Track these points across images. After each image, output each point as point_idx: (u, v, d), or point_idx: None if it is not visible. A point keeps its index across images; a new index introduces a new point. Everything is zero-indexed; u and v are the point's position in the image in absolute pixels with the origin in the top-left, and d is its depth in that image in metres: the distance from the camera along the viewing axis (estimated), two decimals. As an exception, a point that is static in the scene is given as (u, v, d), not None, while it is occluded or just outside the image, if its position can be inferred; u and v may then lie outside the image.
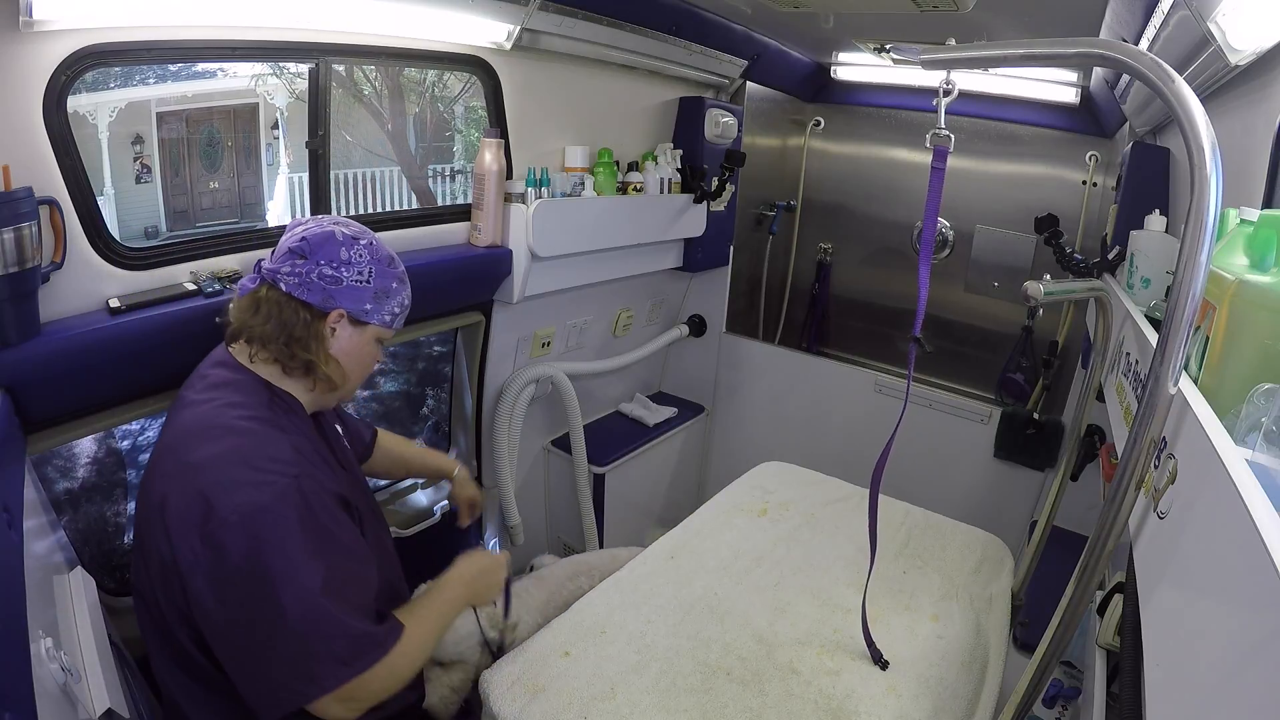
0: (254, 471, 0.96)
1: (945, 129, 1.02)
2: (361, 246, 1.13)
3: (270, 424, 1.05)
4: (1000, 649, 1.35)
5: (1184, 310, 0.70)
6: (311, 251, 1.09)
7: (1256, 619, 0.45)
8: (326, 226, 1.12)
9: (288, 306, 1.09)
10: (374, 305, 1.14)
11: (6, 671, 0.64)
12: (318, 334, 1.11)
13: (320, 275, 1.09)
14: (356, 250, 1.12)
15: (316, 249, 1.09)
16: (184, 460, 0.98)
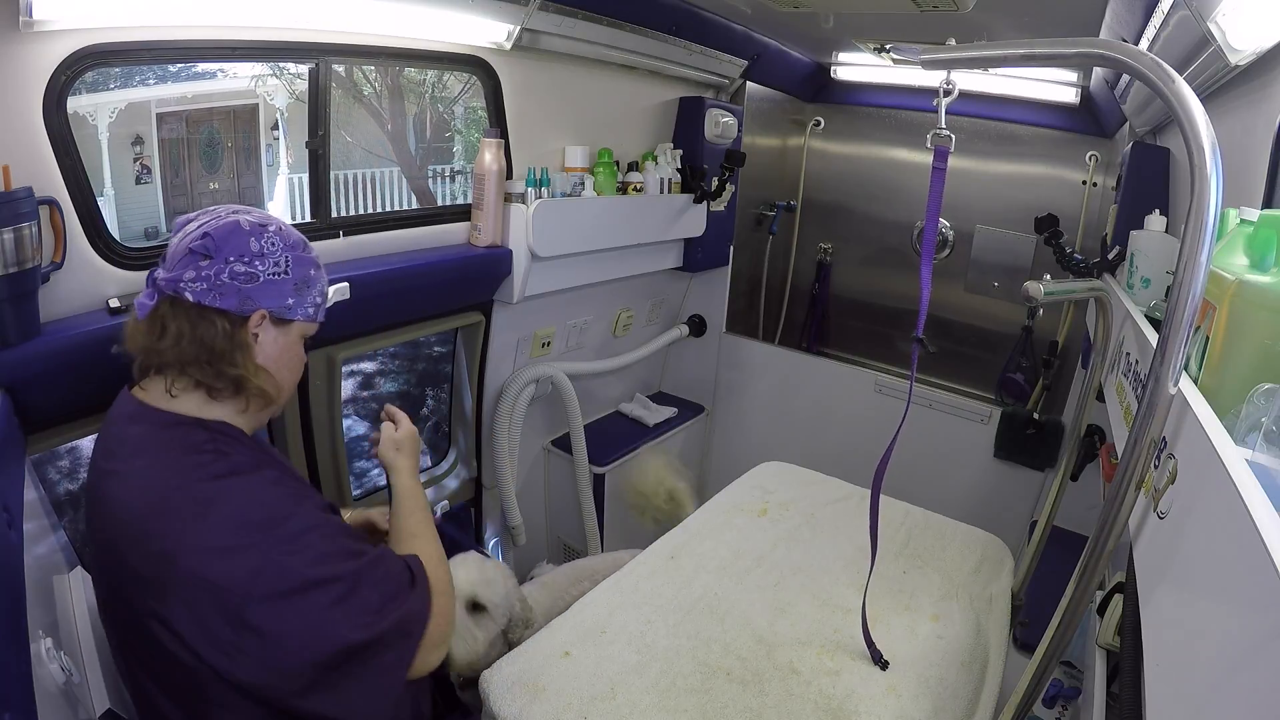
0: (246, 537, 0.87)
1: (945, 129, 1.02)
2: (272, 233, 0.98)
3: (233, 474, 0.91)
4: (1000, 649, 1.35)
5: (1184, 310, 0.70)
6: (217, 249, 0.93)
7: (1256, 619, 0.45)
8: (226, 217, 0.96)
9: (200, 319, 0.93)
10: (296, 299, 1.01)
11: (6, 671, 0.64)
12: (241, 344, 0.96)
13: (232, 274, 0.94)
14: (267, 239, 0.97)
15: (222, 244, 0.93)
16: (168, 552, 0.84)
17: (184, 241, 0.94)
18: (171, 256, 0.95)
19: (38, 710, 0.66)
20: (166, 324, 0.93)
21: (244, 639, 0.84)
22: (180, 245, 0.95)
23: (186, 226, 0.97)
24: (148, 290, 0.96)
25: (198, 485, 0.88)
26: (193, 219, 0.98)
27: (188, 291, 0.93)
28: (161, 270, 0.95)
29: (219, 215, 0.98)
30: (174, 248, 0.96)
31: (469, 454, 2.23)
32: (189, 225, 0.97)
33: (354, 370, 3.61)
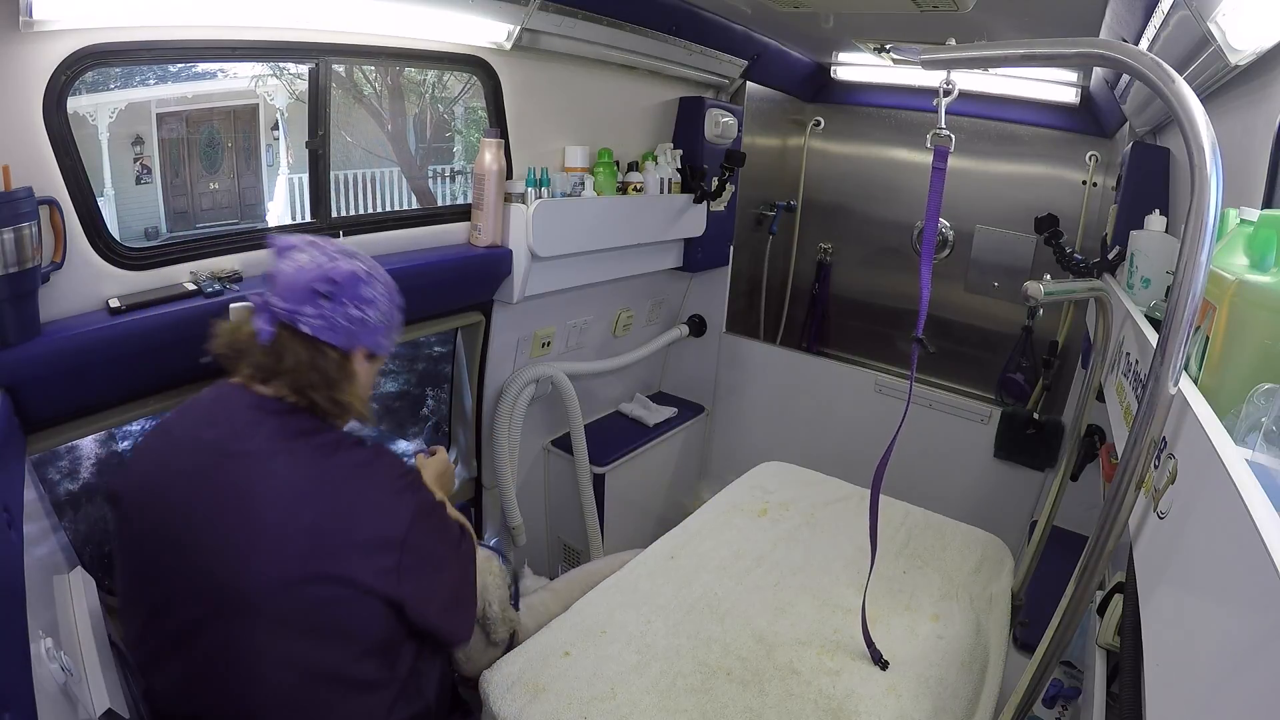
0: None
1: (945, 129, 1.02)
2: (379, 283, 1.11)
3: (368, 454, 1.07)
4: (1000, 649, 1.35)
5: (1184, 310, 0.70)
6: (338, 292, 1.04)
7: (1256, 619, 0.45)
8: (344, 265, 1.05)
9: (315, 350, 1.03)
10: (386, 339, 1.14)
11: (6, 671, 0.64)
12: (349, 373, 1.08)
13: (347, 317, 1.05)
14: (377, 288, 1.10)
15: (343, 289, 1.05)
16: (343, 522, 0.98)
17: (303, 278, 1.03)
18: (287, 287, 1.03)
19: (38, 710, 0.65)
20: (284, 350, 1.02)
21: (407, 560, 1.00)
22: (300, 281, 1.03)
23: (297, 256, 1.04)
24: (264, 315, 1.03)
25: (349, 464, 1.02)
26: (297, 248, 1.05)
27: (304, 324, 1.02)
28: (276, 298, 1.03)
29: (335, 260, 1.06)
30: (290, 280, 1.03)
31: (469, 454, 2.23)
32: (300, 256, 1.04)
33: (354, 370, 3.61)
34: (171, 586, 0.95)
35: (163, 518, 0.96)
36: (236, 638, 0.93)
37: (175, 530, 0.95)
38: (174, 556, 0.95)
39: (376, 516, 1.00)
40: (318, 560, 0.94)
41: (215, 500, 0.95)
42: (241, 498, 0.95)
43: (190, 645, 0.95)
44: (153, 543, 0.97)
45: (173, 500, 0.97)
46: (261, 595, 0.93)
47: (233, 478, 0.96)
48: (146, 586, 0.98)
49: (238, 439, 0.99)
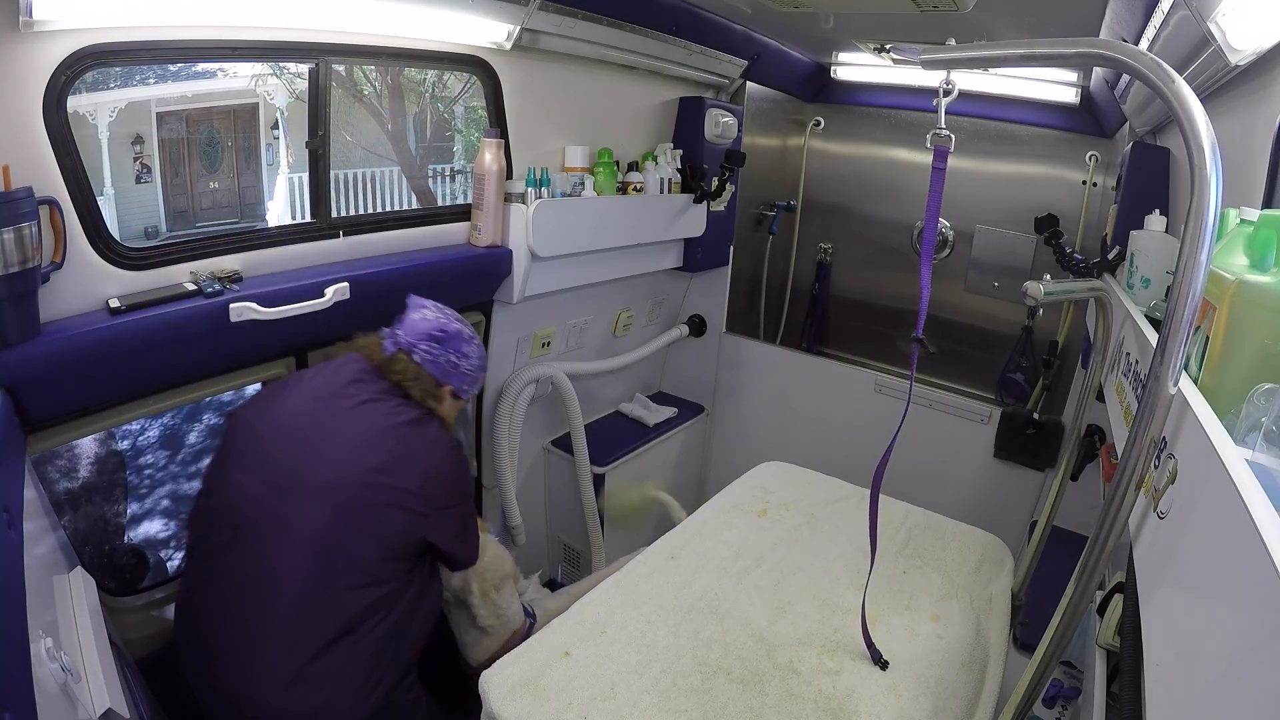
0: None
1: (945, 129, 1.02)
2: (475, 345, 1.50)
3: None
4: (1000, 649, 1.35)
5: (1184, 310, 0.70)
6: (446, 340, 1.44)
7: (1256, 619, 0.45)
8: (454, 324, 1.47)
9: (420, 373, 1.41)
10: (469, 387, 1.51)
11: (6, 671, 0.64)
12: (439, 397, 1.45)
13: (447, 360, 1.44)
14: (473, 346, 1.50)
15: (450, 340, 1.45)
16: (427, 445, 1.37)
17: (425, 326, 1.44)
18: (413, 329, 1.44)
19: (38, 710, 0.66)
20: (405, 366, 1.41)
21: (438, 502, 1.34)
22: (421, 326, 1.44)
23: (425, 312, 1.47)
24: (390, 340, 1.43)
25: (417, 428, 1.37)
26: (428, 306, 1.48)
27: (417, 355, 1.42)
28: (402, 333, 1.43)
29: (448, 317, 1.48)
30: (415, 324, 1.45)
31: (469, 454, 2.23)
32: (427, 312, 1.47)
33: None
34: (269, 474, 1.26)
35: (281, 427, 1.31)
36: (297, 516, 1.23)
37: (287, 437, 1.30)
38: (281, 452, 1.29)
39: (425, 468, 1.32)
40: (376, 478, 1.27)
41: (319, 423, 1.32)
42: (337, 425, 1.31)
43: (261, 523, 1.24)
44: (268, 442, 1.30)
45: (289, 418, 1.33)
46: (330, 488, 1.25)
47: (335, 411, 1.33)
48: (247, 474, 1.28)
49: (346, 389, 1.36)
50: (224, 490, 1.29)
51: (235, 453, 1.32)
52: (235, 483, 1.28)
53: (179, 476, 3.12)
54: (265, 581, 1.21)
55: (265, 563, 1.22)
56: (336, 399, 1.34)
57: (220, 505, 1.28)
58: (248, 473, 1.28)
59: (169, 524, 2.90)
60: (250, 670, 1.20)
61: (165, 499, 3.01)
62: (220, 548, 1.25)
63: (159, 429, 3.27)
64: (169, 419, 3.29)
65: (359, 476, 1.26)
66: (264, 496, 1.25)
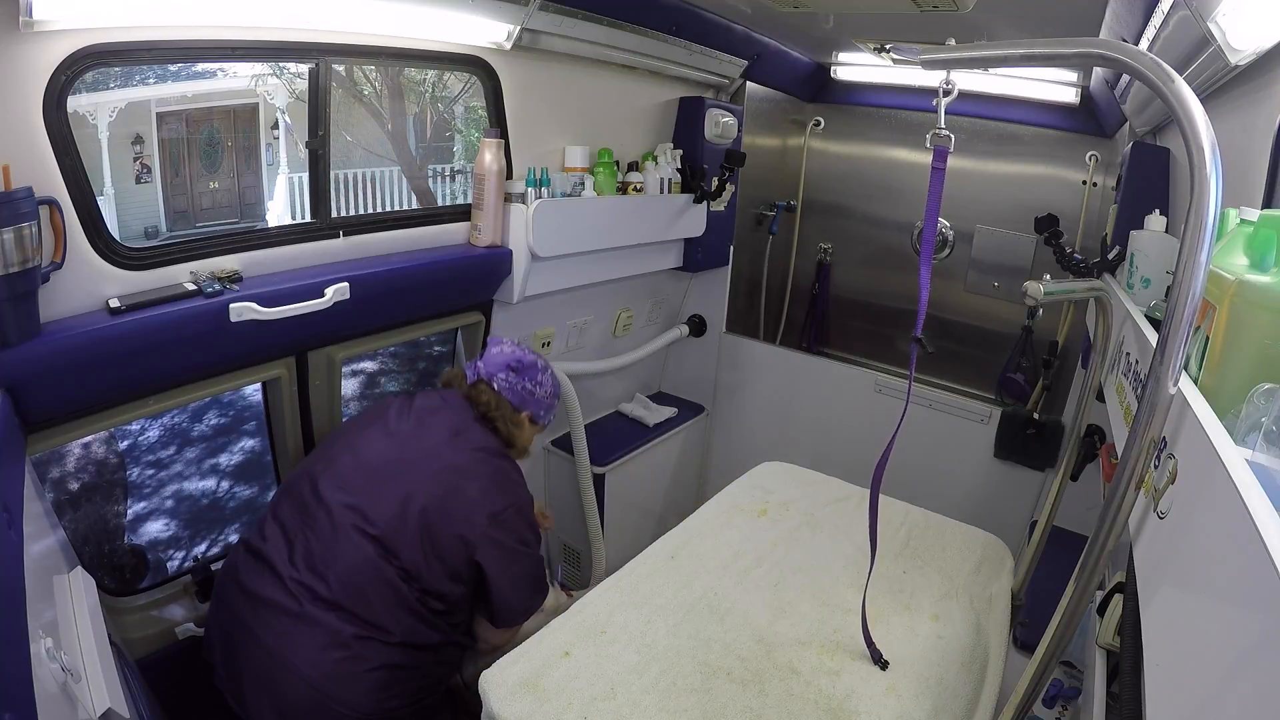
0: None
1: (945, 129, 1.02)
2: (549, 375, 1.69)
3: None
4: (1000, 649, 1.35)
5: (1184, 310, 0.70)
6: (522, 370, 1.64)
7: (1256, 619, 0.45)
8: (528, 355, 1.66)
9: (501, 401, 1.60)
10: (545, 414, 1.69)
11: (6, 671, 0.64)
12: (519, 423, 1.63)
13: (524, 388, 1.63)
14: (546, 375, 1.68)
15: (526, 370, 1.64)
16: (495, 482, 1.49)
17: (503, 357, 1.65)
18: (492, 361, 1.65)
19: (38, 710, 0.65)
20: (485, 395, 1.60)
21: (495, 537, 1.44)
22: (500, 359, 1.65)
23: (504, 347, 1.68)
24: (471, 370, 1.66)
25: (493, 463, 1.52)
26: (504, 343, 1.70)
27: (495, 384, 1.62)
28: (483, 365, 1.65)
29: (525, 350, 1.68)
30: (495, 357, 1.65)
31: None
32: (505, 347, 1.68)
33: (355, 370, 3.61)
34: (352, 479, 1.42)
35: (382, 441, 1.49)
36: (376, 510, 1.37)
37: (386, 448, 1.47)
38: (376, 459, 1.45)
39: (498, 492, 1.46)
40: (453, 479, 1.43)
41: (410, 443, 1.49)
42: (428, 437, 1.50)
43: (340, 509, 1.38)
44: (366, 451, 1.46)
45: (389, 430, 1.51)
46: (410, 495, 1.38)
47: (427, 427, 1.52)
48: (339, 475, 1.43)
49: (439, 411, 1.56)
50: (314, 475, 1.44)
51: (333, 457, 1.47)
52: (326, 481, 1.42)
53: (180, 476, 3.12)
54: (329, 557, 1.34)
55: (336, 539, 1.35)
56: (431, 415, 1.54)
57: (304, 488, 1.43)
58: (337, 475, 1.43)
59: (170, 524, 2.90)
60: (293, 627, 1.30)
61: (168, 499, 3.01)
62: (297, 509, 1.41)
63: (159, 429, 3.27)
64: (169, 419, 3.29)
65: (436, 479, 1.41)
66: (349, 487, 1.40)
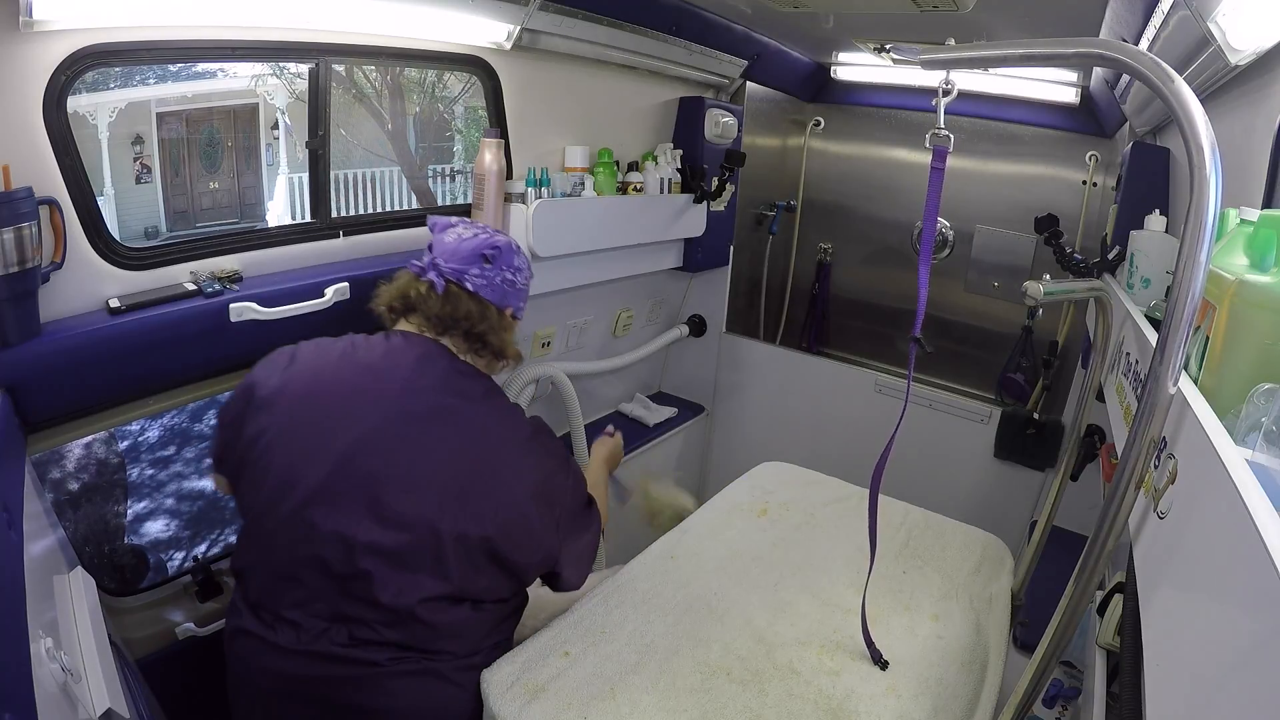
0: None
1: (945, 129, 1.01)
2: (524, 257, 1.32)
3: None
4: (1000, 649, 1.35)
5: (1184, 310, 0.70)
6: (498, 258, 1.26)
7: (1256, 619, 0.45)
8: (502, 238, 1.28)
9: (481, 305, 1.24)
10: (523, 304, 1.35)
11: (6, 671, 0.64)
12: (507, 325, 1.30)
13: (503, 279, 1.27)
14: (522, 257, 1.32)
15: (502, 256, 1.26)
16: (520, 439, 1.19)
17: (469, 245, 1.24)
18: (453, 253, 1.23)
19: (38, 710, 0.65)
20: (459, 302, 1.22)
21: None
22: (465, 248, 1.24)
23: (459, 230, 1.27)
24: (433, 273, 1.22)
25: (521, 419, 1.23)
26: (454, 225, 1.28)
27: (469, 283, 1.23)
28: (442, 261, 1.23)
29: (491, 233, 1.28)
30: (454, 247, 1.24)
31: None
32: (461, 230, 1.27)
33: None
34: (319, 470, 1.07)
35: (324, 415, 1.11)
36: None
37: (341, 426, 1.09)
38: (330, 442, 1.08)
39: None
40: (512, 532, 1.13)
41: (380, 413, 1.11)
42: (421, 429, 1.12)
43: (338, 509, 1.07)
44: (311, 429, 1.10)
45: (331, 405, 1.12)
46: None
47: (420, 410, 1.13)
48: (295, 465, 1.09)
49: (420, 380, 1.16)
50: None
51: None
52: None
53: (180, 476, 3.12)
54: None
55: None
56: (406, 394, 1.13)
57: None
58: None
59: (170, 524, 2.90)
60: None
61: (168, 499, 3.01)
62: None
63: (159, 429, 3.27)
64: (169, 419, 3.29)
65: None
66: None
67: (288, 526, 1.08)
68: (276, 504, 1.09)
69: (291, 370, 1.15)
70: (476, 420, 1.15)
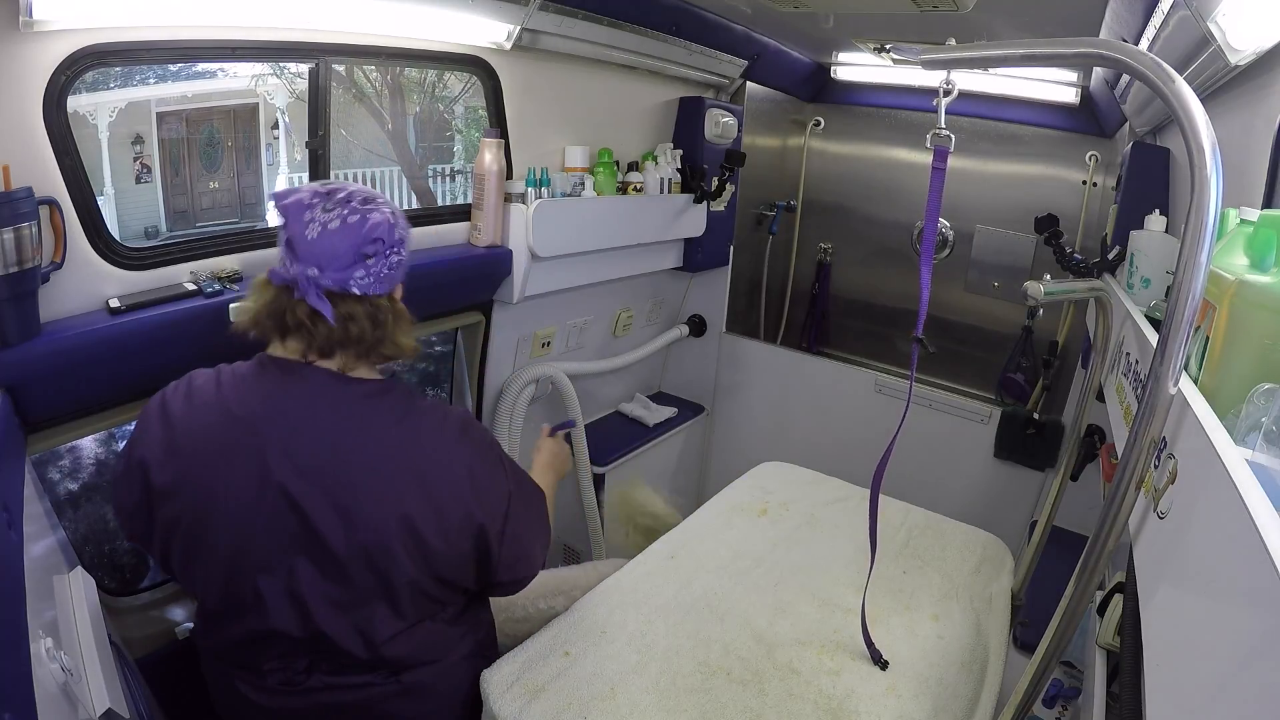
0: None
1: (945, 129, 1.02)
2: (401, 218, 1.08)
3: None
4: (1000, 649, 1.35)
5: (1184, 310, 0.70)
6: (382, 249, 1.03)
7: (1256, 619, 0.45)
8: (377, 217, 1.02)
9: (371, 307, 1.04)
10: (405, 264, 1.11)
11: (6, 671, 0.64)
12: (401, 315, 1.09)
13: (390, 265, 1.05)
14: (402, 224, 1.08)
15: (385, 244, 1.03)
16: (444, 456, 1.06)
17: (345, 242, 1.00)
18: (328, 255, 0.99)
19: (38, 710, 0.65)
20: (349, 321, 1.02)
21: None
22: (341, 247, 1.00)
23: (319, 217, 1.00)
24: (312, 291, 1.00)
25: (451, 421, 1.09)
26: (310, 206, 1.00)
27: (355, 287, 1.02)
28: (316, 270, 0.99)
29: (354, 208, 1.02)
30: (328, 247, 0.99)
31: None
32: (322, 217, 1.00)
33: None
34: (271, 542, 0.99)
35: (229, 492, 0.99)
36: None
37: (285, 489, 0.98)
38: (287, 507, 0.98)
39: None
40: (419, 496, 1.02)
41: (324, 466, 0.99)
42: (359, 467, 1.01)
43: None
44: (224, 509, 0.99)
45: (234, 481, 0.99)
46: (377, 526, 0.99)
47: (342, 441, 1.01)
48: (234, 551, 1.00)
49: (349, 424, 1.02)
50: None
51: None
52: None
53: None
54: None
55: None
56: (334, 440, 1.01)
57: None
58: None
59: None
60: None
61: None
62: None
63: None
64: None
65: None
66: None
67: (237, 605, 1.03)
68: (220, 584, 1.03)
69: (175, 442, 1.01)
70: (396, 446, 1.03)
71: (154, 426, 1.04)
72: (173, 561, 1.06)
